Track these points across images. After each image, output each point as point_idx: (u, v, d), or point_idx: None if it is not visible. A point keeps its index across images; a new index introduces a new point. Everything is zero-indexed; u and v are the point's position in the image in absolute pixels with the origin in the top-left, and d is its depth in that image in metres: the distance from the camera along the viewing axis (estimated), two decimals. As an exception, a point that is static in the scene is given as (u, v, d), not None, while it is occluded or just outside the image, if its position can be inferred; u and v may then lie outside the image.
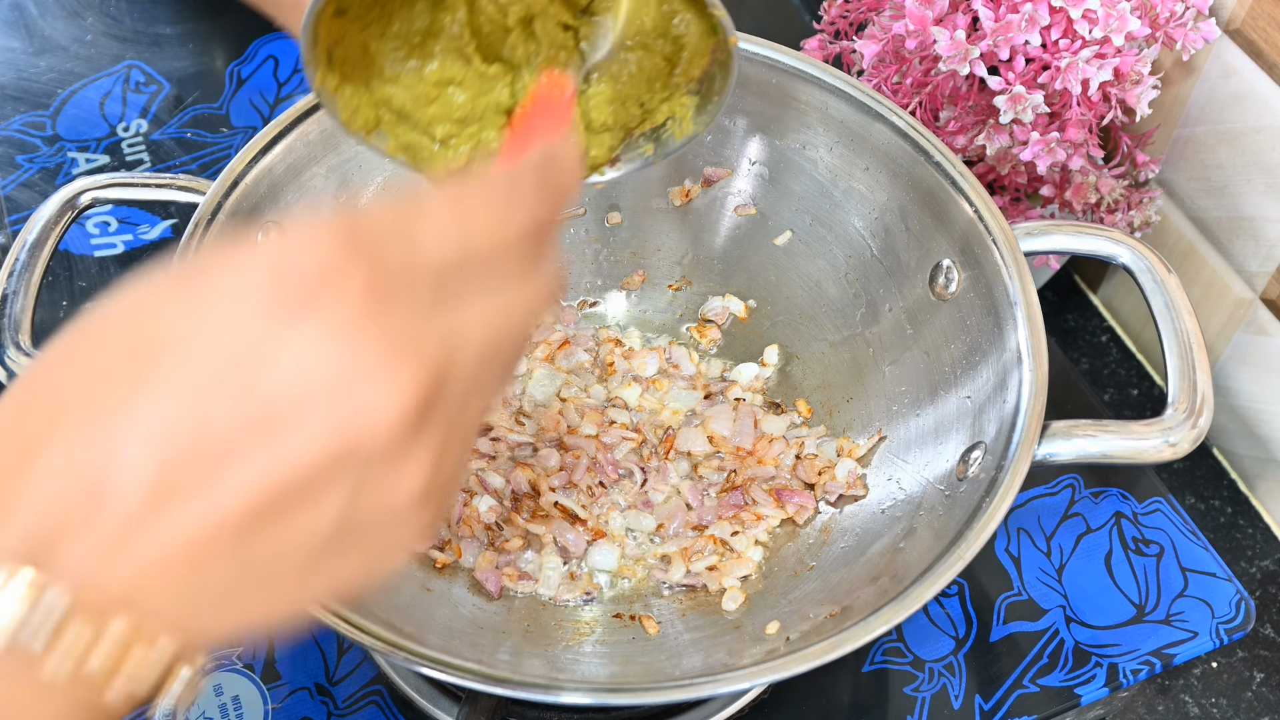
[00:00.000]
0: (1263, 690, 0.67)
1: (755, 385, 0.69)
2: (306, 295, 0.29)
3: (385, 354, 0.30)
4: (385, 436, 0.30)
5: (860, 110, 0.65)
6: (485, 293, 0.33)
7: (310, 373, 0.29)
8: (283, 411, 0.29)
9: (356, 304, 0.30)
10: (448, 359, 0.32)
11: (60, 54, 0.90)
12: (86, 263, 0.79)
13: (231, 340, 0.29)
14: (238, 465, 0.29)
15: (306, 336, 0.29)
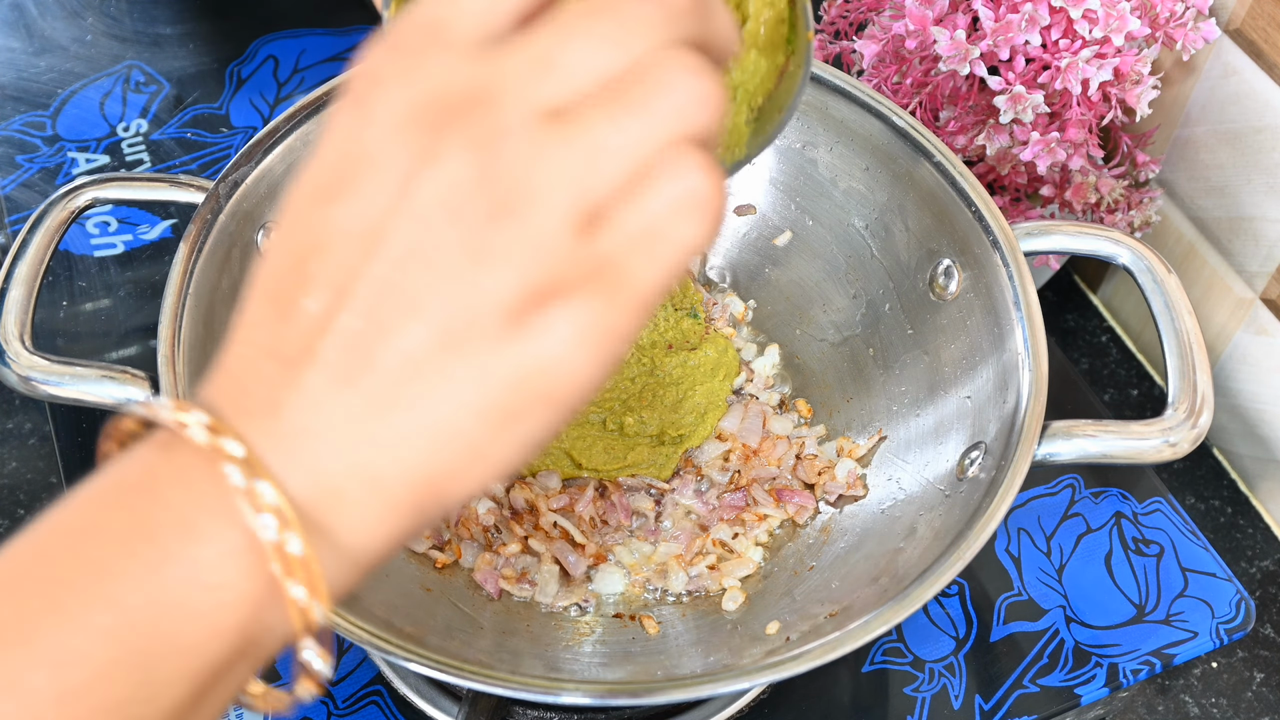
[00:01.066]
0: (1263, 690, 0.67)
1: (769, 381, 0.69)
2: (361, 93, 0.31)
3: (425, 127, 0.30)
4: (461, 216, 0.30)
5: (860, 110, 0.65)
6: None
7: (380, 164, 0.31)
8: (374, 206, 0.31)
9: (398, 88, 0.31)
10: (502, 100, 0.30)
11: (60, 54, 0.89)
12: (86, 262, 0.79)
13: (327, 163, 0.32)
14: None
15: (369, 126, 0.31)
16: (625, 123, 0.30)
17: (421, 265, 0.30)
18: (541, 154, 0.30)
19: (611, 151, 0.30)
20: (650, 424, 0.65)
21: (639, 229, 0.30)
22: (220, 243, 0.59)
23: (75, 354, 0.55)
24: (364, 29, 0.92)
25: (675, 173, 0.30)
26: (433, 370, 0.30)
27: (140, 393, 0.54)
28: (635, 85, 0.30)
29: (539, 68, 0.30)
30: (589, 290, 0.30)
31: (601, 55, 0.30)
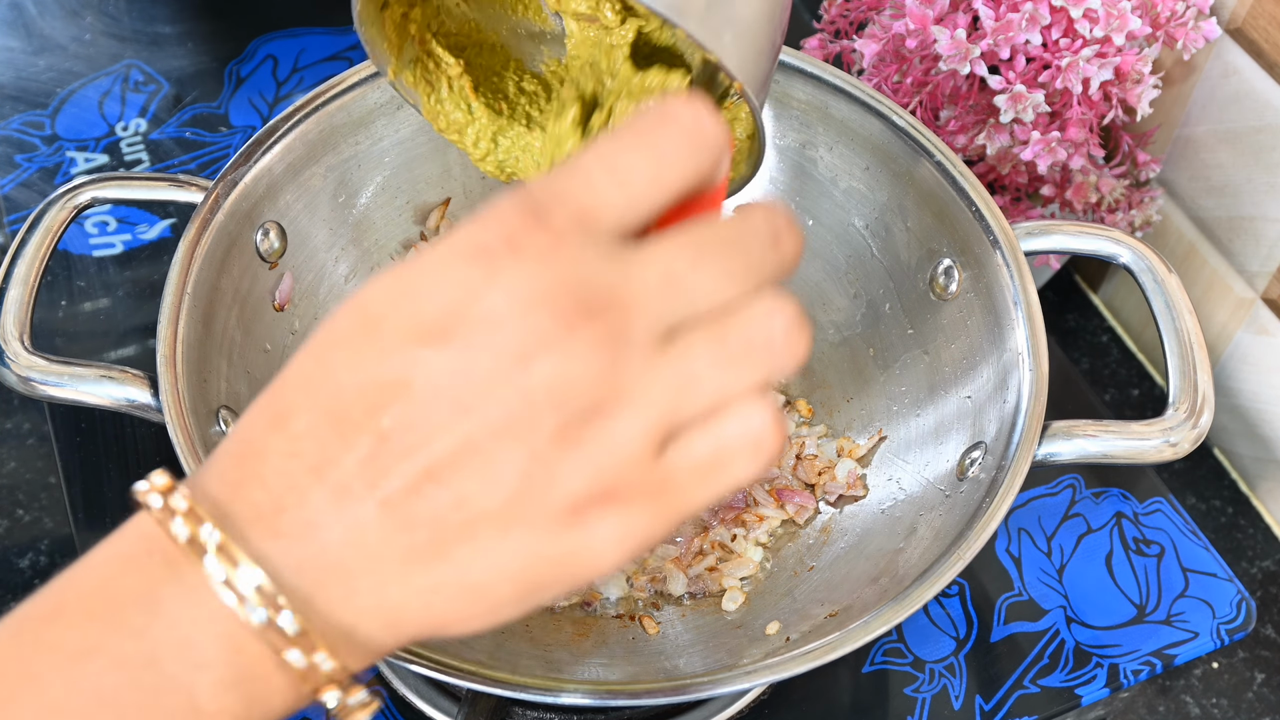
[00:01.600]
0: (1264, 691, 0.67)
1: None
2: (494, 259, 0.32)
3: (560, 313, 0.31)
4: (560, 402, 0.31)
5: (861, 109, 0.64)
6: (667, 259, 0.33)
7: (499, 334, 0.31)
8: (475, 374, 0.31)
9: (534, 261, 0.32)
10: (627, 312, 0.32)
11: (59, 53, 0.89)
12: (85, 262, 0.79)
13: (433, 303, 0.32)
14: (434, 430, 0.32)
15: (496, 290, 0.31)
16: (726, 362, 0.33)
17: (510, 439, 0.31)
18: (648, 372, 0.32)
19: (706, 384, 0.33)
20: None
21: (705, 458, 0.33)
22: (219, 242, 0.59)
23: (74, 354, 0.55)
24: (363, 28, 0.92)
25: (749, 413, 0.33)
26: (489, 537, 0.32)
27: (139, 393, 0.54)
28: (742, 328, 0.33)
29: (669, 287, 0.32)
30: (644, 502, 0.32)
31: (723, 286, 0.33)
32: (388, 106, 0.65)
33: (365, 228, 0.67)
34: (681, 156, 0.33)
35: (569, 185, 0.33)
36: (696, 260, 0.33)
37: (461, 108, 0.54)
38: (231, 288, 0.60)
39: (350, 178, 0.66)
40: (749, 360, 0.33)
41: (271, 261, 0.63)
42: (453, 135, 0.54)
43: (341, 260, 0.66)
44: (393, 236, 0.68)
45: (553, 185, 0.33)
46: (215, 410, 0.56)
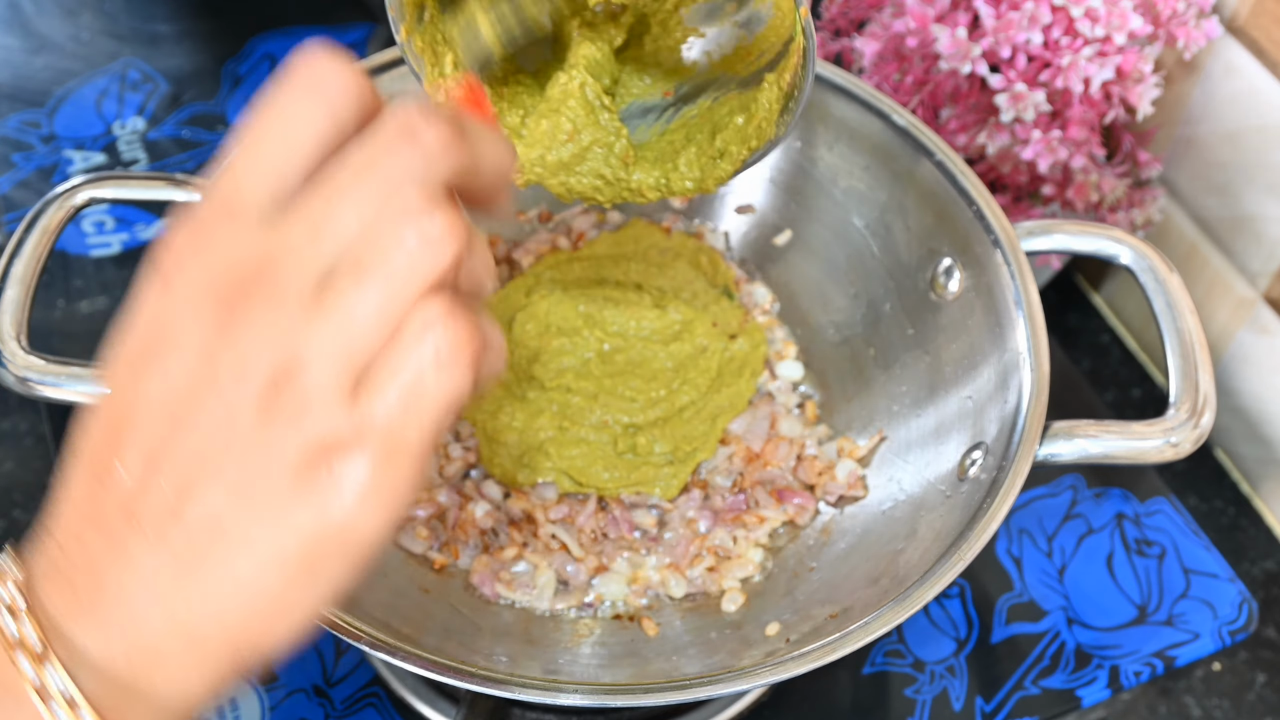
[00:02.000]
0: (1265, 692, 0.66)
1: (795, 384, 0.68)
2: (165, 269, 0.34)
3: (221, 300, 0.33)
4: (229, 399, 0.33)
5: (861, 109, 0.64)
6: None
7: (178, 338, 0.33)
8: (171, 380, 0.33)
9: (189, 259, 0.33)
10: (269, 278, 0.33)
11: (56, 52, 0.89)
12: (83, 262, 0.79)
13: (136, 336, 0.34)
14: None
15: (167, 300, 0.34)
16: (367, 287, 0.32)
17: (218, 430, 0.32)
18: (312, 322, 0.32)
19: (361, 317, 0.32)
20: (664, 442, 0.64)
21: (398, 390, 0.32)
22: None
23: (72, 354, 0.55)
24: (360, 26, 0.92)
25: (422, 328, 0.32)
26: (234, 529, 0.33)
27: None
28: (369, 247, 0.32)
29: (313, 235, 0.33)
30: (362, 449, 0.32)
31: (364, 212, 0.32)
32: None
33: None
34: (304, 110, 0.33)
35: (218, 181, 0.34)
36: (332, 198, 0.33)
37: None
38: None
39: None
40: (387, 273, 0.32)
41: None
42: None
43: (340, 260, 0.66)
44: (391, 236, 0.68)
45: (205, 186, 0.34)
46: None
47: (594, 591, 0.61)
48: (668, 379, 0.65)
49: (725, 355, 0.67)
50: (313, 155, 0.33)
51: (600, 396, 0.64)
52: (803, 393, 0.68)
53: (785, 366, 0.68)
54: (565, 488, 0.63)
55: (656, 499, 0.63)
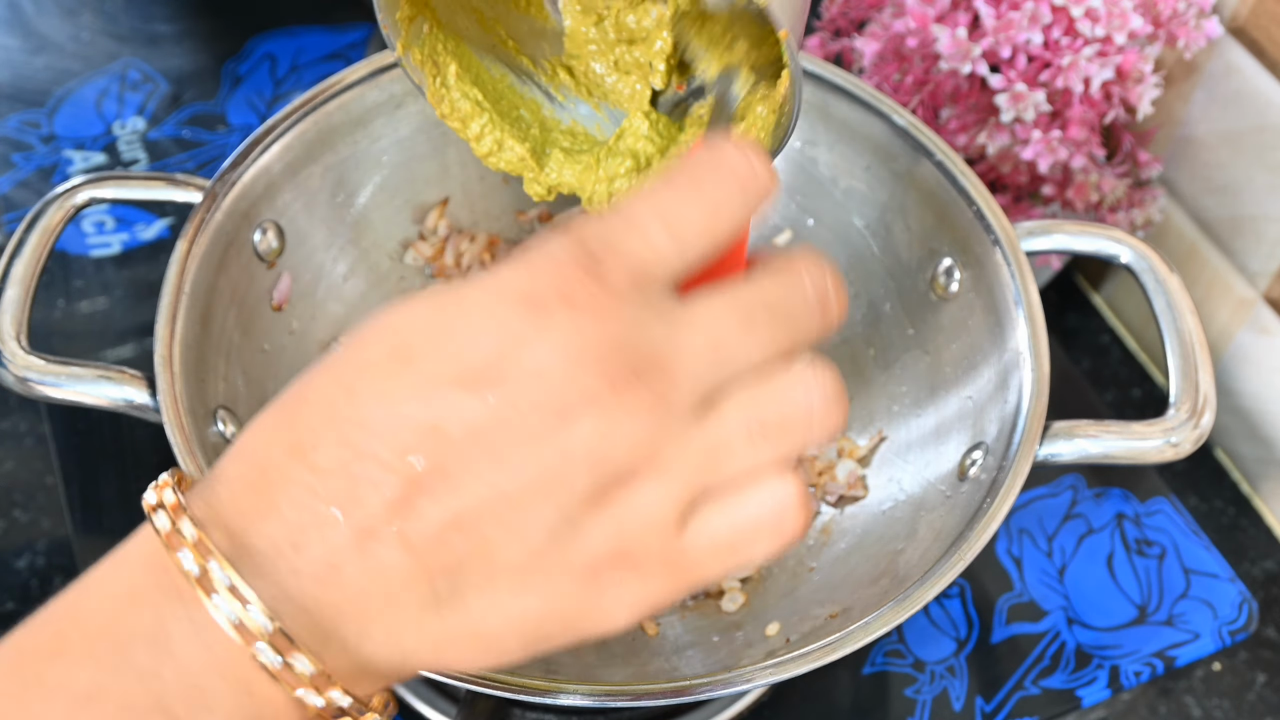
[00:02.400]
0: (1266, 692, 0.66)
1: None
2: (546, 311, 0.31)
3: (608, 375, 0.31)
4: (596, 463, 0.31)
5: (861, 109, 0.64)
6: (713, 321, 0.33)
7: (543, 389, 0.31)
8: (514, 427, 0.31)
9: (586, 317, 0.31)
10: (672, 378, 0.32)
11: (56, 52, 0.89)
12: (83, 262, 0.79)
13: (477, 347, 0.31)
14: (470, 472, 0.31)
15: (546, 343, 0.31)
16: (761, 434, 0.32)
17: (543, 495, 0.31)
18: (685, 439, 0.32)
19: (739, 455, 0.32)
20: None
21: (727, 533, 0.32)
22: (217, 242, 0.59)
23: (72, 354, 0.55)
24: (360, 26, 0.91)
25: (775, 489, 0.32)
26: (507, 590, 0.31)
27: (137, 393, 0.54)
28: (780, 399, 0.32)
29: (714, 352, 0.32)
30: (660, 570, 0.32)
31: (766, 352, 0.32)
32: (386, 106, 0.65)
33: (363, 227, 0.67)
34: (734, 204, 0.33)
35: (624, 235, 0.32)
36: (744, 325, 0.32)
37: (470, 97, 0.53)
38: (229, 287, 0.60)
39: (348, 177, 0.65)
40: (784, 432, 0.33)
41: (270, 261, 0.62)
42: (455, 123, 0.54)
43: (340, 260, 0.66)
44: (391, 236, 0.68)
45: (606, 233, 0.32)
46: (213, 410, 0.56)
47: None
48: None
49: None
50: (719, 250, 0.33)
51: None
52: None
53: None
54: None
55: None
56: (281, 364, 0.63)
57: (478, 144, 0.55)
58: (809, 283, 0.33)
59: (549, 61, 0.56)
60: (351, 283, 0.67)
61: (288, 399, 0.33)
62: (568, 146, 0.56)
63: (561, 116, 0.56)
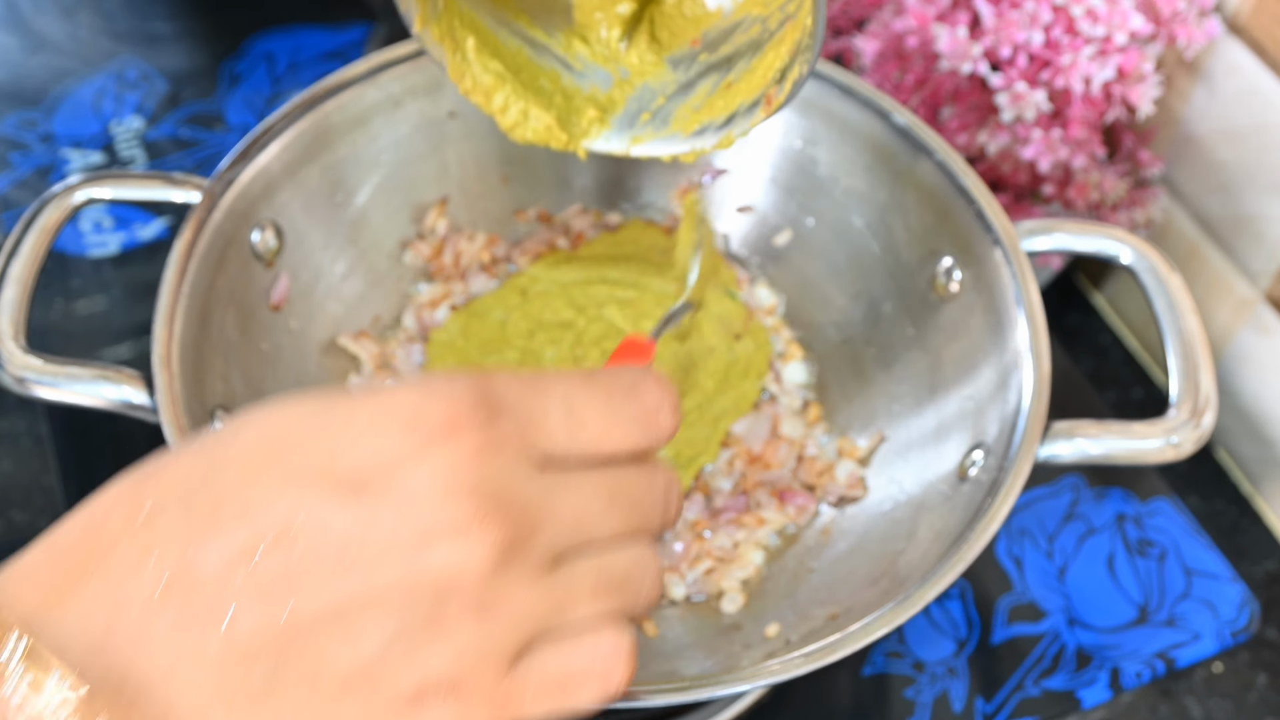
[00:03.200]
0: (1267, 693, 0.66)
1: (794, 389, 0.68)
2: (430, 437, 0.32)
3: (479, 511, 0.32)
4: (444, 590, 0.32)
5: (861, 108, 0.64)
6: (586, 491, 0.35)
7: (409, 509, 0.31)
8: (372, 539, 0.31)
9: (469, 453, 0.32)
10: (535, 533, 0.33)
11: (53, 51, 0.89)
12: (81, 262, 0.78)
13: (352, 455, 0.32)
14: (307, 581, 0.31)
15: (423, 467, 0.32)
16: (602, 592, 0.35)
17: (384, 610, 0.31)
18: (534, 587, 0.33)
19: (580, 608, 0.34)
20: (667, 448, 0.64)
21: (555, 676, 0.34)
22: (215, 242, 0.59)
23: (70, 354, 0.55)
24: (359, 25, 0.91)
25: (608, 640, 0.35)
26: (324, 700, 0.31)
27: (135, 393, 0.54)
28: (623, 568, 0.35)
29: (578, 521, 0.34)
30: (483, 704, 0.32)
31: (619, 530, 0.36)
32: (385, 105, 0.65)
33: (362, 227, 0.67)
34: (633, 431, 0.36)
35: (527, 400, 0.34)
36: (608, 507, 0.35)
37: (491, 70, 0.53)
38: (228, 287, 0.60)
39: (347, 177, 0.65)
40: (621, 593, 0.35)
41: (268, 261, 0.62)
42: (478, 98, 0.54)
43: (338, 260, 0.66)
44: (390, 236, 0.68)
45: (511, 392, 0.34)
46: (211, 410, 0.56)
47: None
48: (678, 382, 0.65)
49: (730, 357, 0.67)
50: (599, 457, 0.36)
51: None
52: (804, 394, 0.68)
53: (791, 369, 0.68)
54: None
55: None
56: (280, 364, 0.63)
57: (503, 116, 0.55)
58: (660, 483, 0.37)
59: (562, 33, 0.56)
60: (350, 282, 0.67)
61: (145, 470, 0.33)
62: (593, 114, 0.56)
63: (582, 84, 0.56)
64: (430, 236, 0.69)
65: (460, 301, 0.69)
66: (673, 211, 0.72)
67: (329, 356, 0.66)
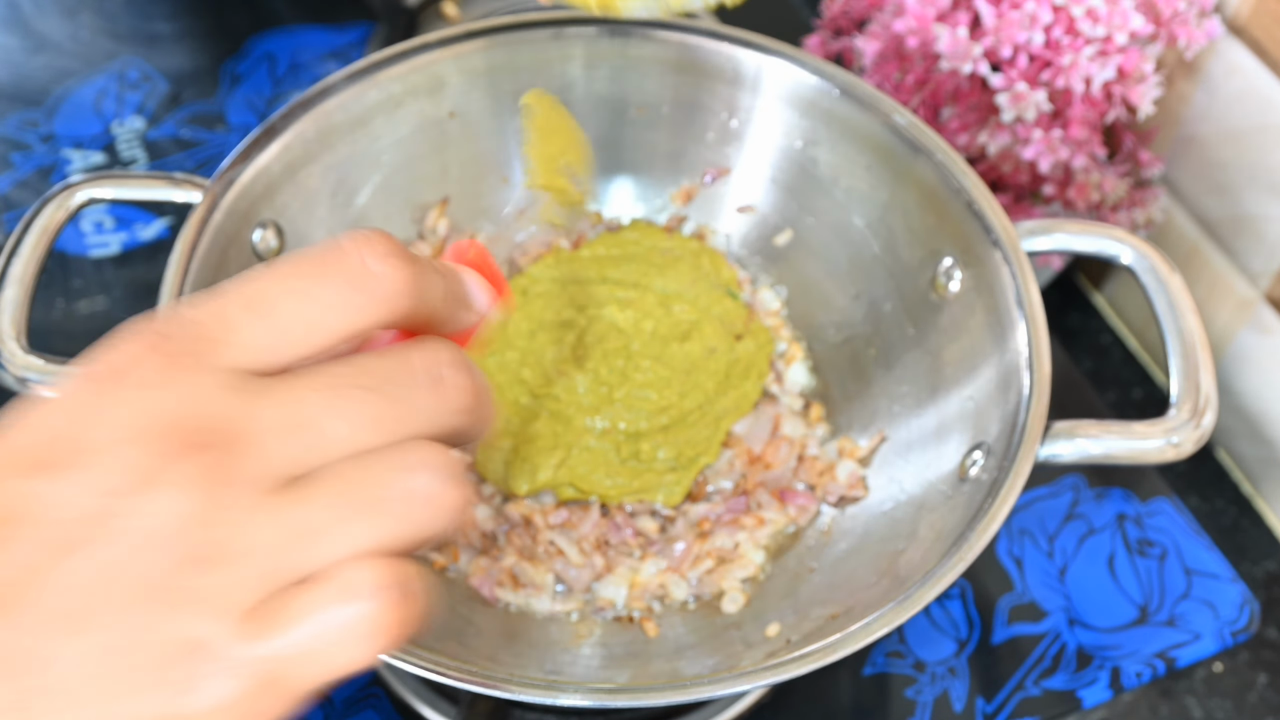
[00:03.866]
0: (1267, 693, 0.66)
1: (795, 389, 0.68)
2: (101, 391, 0.29)
3: (163, 446, 0.29)
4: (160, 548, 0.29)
5: (862, 109, 0.64)
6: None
7: (95, 470, 0.29)
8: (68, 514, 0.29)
9: (138, 391, 0.29)
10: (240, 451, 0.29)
11: (55, 51, 0.89)
12: (82, 262, 0.78)
13: (36, 430, 0.30)
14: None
15: (102, 419, 0.29)
16: (350, 515, 0.29)
17: (103, 585, 0.28)
18: (255, 516, 0.29)
19: (323, 538, 0.29)
20: (668, 449, 0.64)
21: (304, 635, 0.29)
22: (217, 242, 0.59)
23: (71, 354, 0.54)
24: (360, 26, 0.91)
25: (363, 581, 0.29)
26: (67, 694, 0.29)
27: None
28: (376, 479, 0.29)
29: (296, 429, 0.30)
30: (233, 671, 0.29)
31: (363, 434, 0.30)
32: (386, 105, 0.65)
33: (363, 227, 0.67)
34: (343, 300, 0.31)
35: (198, 314, 0.30)
36: (333, 401, 0.30)
37: None
38: (229, 287, 0.60)
39: (348, 177, 0.65)
40: (378, 515, 0.29)
41: (269, 261, 0.62)
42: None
43: (339, 260, 0.66)
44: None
45: (181, 313, 0.30)
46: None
47: (594, 594, 0.61)
48: (680, 383, 0.65)
49: (731, 357, 0.67)
50: (322, 348, 0.31)
51: (601, 407, 0.64)
52: (805, 394, 0.68)
53: (792, 370, 0.68)
54: (566, 495, 0.63)
55: (659, 505, 0.63)
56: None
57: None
58: (420, 358, 0.31)
59: None
60: (351, 282, 0.67)
61: None
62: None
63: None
64: (431, 237, 0.69)
65: (461, 301, 0.69)
66: (673, 211, 0.72)
67: (330, 356, 0.66)
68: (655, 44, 0.67)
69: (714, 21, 0.69)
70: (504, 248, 0.71)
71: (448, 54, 0.65)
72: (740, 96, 0.67)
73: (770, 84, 0.66)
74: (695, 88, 0.68)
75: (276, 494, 0.29)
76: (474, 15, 0.86)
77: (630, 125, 0.70)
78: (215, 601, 0.29)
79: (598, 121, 0.69)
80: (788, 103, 0.66)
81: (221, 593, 0.29)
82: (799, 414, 0.67)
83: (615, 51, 0.67)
